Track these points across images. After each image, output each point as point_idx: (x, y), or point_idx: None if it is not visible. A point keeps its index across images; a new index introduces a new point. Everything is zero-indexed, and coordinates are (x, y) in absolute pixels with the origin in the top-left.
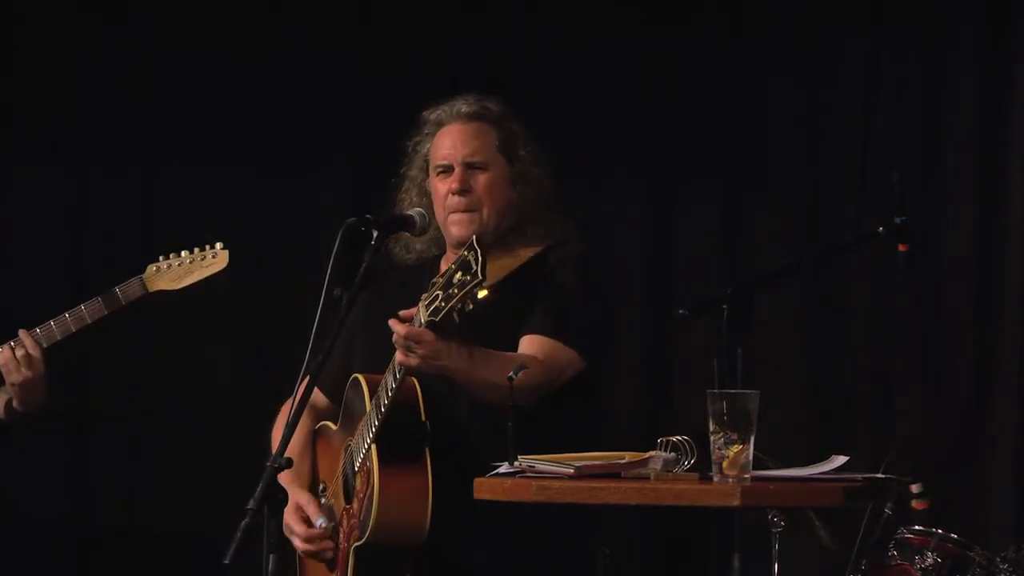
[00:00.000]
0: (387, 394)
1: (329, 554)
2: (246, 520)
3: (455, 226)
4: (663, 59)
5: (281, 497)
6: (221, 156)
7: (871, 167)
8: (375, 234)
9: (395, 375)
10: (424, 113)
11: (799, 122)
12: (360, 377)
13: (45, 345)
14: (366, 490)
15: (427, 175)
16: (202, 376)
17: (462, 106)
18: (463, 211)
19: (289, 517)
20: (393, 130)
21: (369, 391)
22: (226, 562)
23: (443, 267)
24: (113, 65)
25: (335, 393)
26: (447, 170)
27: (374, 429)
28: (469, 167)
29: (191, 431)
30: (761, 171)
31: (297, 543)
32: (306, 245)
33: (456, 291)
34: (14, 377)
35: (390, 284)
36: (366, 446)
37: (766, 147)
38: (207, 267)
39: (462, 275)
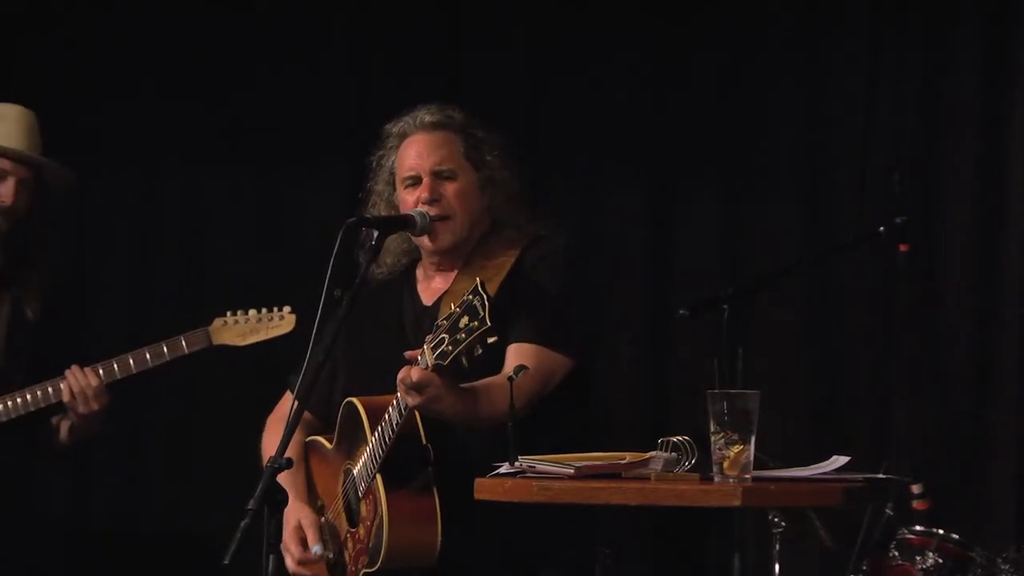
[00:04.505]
0: (392, 429)
1: None
2: (246, 520)
3: (432, 236)
4: (663, 59)
5: (281, 498)
6: (221, 156)
7: (871, 167)
8: (375, 234)
9: (400, 412)
10: (387, 126)
11: (799, 122)
12: (356, 402)
13: (107, 382)
14: (374, 518)
15: (394, 188)
16: (202, 376)
17: (425, 116)
18: (438, 220)
19: (287, 534)
20: None
21: (368, 418)
22: (226, 562)
23: (419, 275)
24: (113, 64)
25: (323, 407)
26: (415, 181)
27: (379, 460)
28: (437, 176)
29: (191, 431)
30: (761, 171)
31: (289, 563)
32: (305, 245)
33: (464, 336)
34: (82, 409)
35: (366, 295)
36: (371, 476)
37: (766, 147)
38: (273, 328)
39: (468, 320)
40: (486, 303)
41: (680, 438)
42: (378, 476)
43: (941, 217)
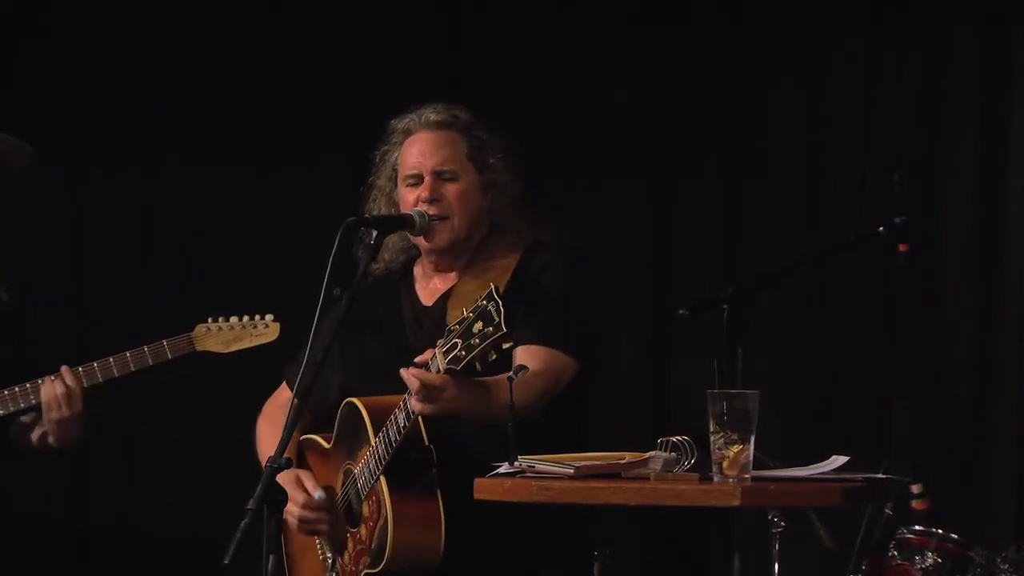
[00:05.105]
0: (398, 430)
1: (322, 526)
2: (246, 520)
3: (429, 235)
4: (663, 59)
5: (281, 498)
6: (221, 156)
7: (871, 167)
8: (374, 234)
9: (407, 414)
10: (392, 122)
11: (799, 122)
12: (358, 403)
13: (86, 385)
14: (377, 519)
15: (395, 185)
16: (202, 376)
17: (430, 114)
18: (436, 220)
19: (288, 485)
20: None
21: (371, 419)
22: (226, 562)
23: (417, 274)
24: (113, 64)
25: (319, 402)
26: (417, 180)
27: (383, 463)
28: (439, 176)
29: (191, 431)
30: (761, 171)
31: (293, 510)
32: (305, 245)
33: (477, 341)
34: (54, 414)
35: (362, 291)
36: (374, 478)
37: (766, 147)
38: (257, 336)
39: (483, 325)
40: (501, 308)
41: (679, 438)
42: (382, 478)
43: (941, 217)
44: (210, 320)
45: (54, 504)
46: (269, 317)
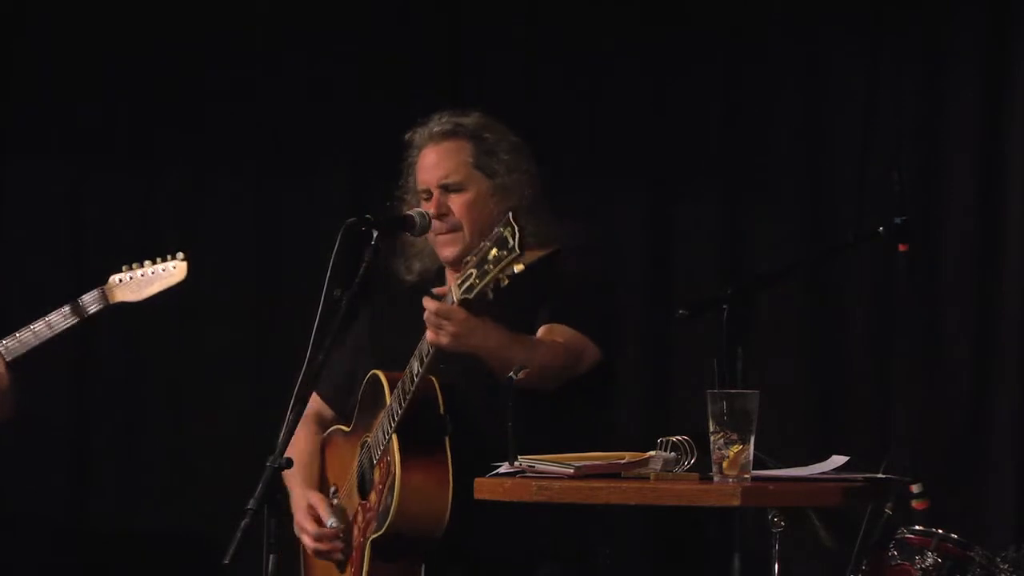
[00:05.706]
0: (412, 381)
1: (339, 555)
2: (246, 520)
3: (440, 248)
4: (663, 59)
5: (280, 497)
6: (220, 157)
7: (871, 167)
8: (375, 234)
9: (422, 360)
10: (407, 135)
11: (799, 122)
12: (379, 373)
13: (9, 359)
14: (386, 479)
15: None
16: (202, 376)
17: (434, 126)
18: (445, 233)
19: (300, 515)
20: (393, 131)
21: (390, 387)
22: (226, 562)
23: (449, 280)
24: (113, 64)
25: (340, 403)
26: (428, 195)
27: (396, 420)
28: (445, 189)
29: (191, 431)
30: (761, 171)
31: (308, 542)
32: (306, 245)
33: (491, 267)
34: None
35: (396, 299)
36: (386, 438)
37: (766, 147)
38: (167, 278)
39: (498, 251)
40: (516, 233)
41: (679, 438)
42: (394, 437)
43: (941, 217)
44: (124, 268)
45: (54, 504)
46: (180, 255)
